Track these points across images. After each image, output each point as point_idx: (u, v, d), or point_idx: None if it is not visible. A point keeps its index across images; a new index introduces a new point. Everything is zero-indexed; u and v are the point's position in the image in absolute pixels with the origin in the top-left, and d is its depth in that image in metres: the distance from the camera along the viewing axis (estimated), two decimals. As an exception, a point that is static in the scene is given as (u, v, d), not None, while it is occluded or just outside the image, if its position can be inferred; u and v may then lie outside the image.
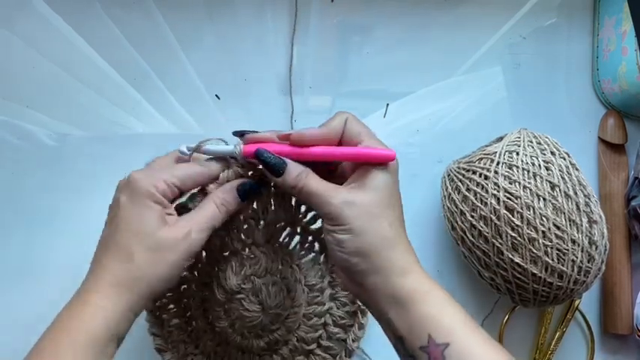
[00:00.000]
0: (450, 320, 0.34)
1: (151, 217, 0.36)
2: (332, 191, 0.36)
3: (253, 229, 0.43)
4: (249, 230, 0.43)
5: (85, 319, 0.34)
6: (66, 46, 0.57)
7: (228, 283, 0.43)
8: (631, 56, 0.55)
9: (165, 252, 0.36)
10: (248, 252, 0.44)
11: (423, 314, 0.34)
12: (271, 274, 0.44)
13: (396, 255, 0.35)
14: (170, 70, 0.58)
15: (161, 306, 0.47)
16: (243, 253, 0.44)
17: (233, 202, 0.39)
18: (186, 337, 0.48)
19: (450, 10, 0.61)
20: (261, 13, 0.59)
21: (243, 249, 0.44)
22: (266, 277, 0.44)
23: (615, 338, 0.60)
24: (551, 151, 0.49)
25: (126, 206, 0.37)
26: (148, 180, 0.37)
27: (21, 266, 0.55)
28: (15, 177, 0.56)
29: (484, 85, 0.61)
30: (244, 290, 0.43)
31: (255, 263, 0.43)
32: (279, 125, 0.59)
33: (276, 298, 0.44)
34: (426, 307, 0.34)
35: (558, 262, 0.46)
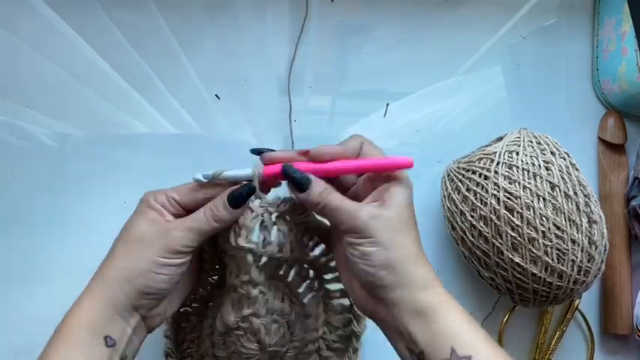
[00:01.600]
0: (471, 335, 0.35)
1: (141, 219, 0.38)
2: (357, 206, 0.37)
3: (251, 266, 0.40)
4: (246, 266, 0.40)
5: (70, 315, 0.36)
6: (66, 47, 0.57)
7: (226, 318, 0.41)
8: (631, 56, 0.55)
9: (142, 245, 0.36)
10: (245, 290, 0.40)
11: (447, 327, 0.34)
12: (272, 313, 0.42)
13: (419, 270, 0.36)
14: (170, 70, 0.58)
15: (183, 314, 0.46)
16: (241, 291, 0.40)
17: (222, 209, 0.37)
18: (194, 352, 0.47)
19: (450, 11, 0.61)
20: (262, 14, 0.59)
21: (241, 286, 0.40)
22: (266, 317, 0.41)
23: (615, 338, 0.60)
24: (551, 151, 0.49)
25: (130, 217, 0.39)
26: (151, 192, 0.39)
27: (21, 266, 0.55)
28: (15, 177, 0.56)
29: (484, 85, 0.61)
30: (242, 328, 0.41)
31: (253, 303, 0.40)
32: (278, 125, 0.59)
33: (276, 336, 0.42)
34: (449, 320, 0.35)
35: (558, 262, 0.46)
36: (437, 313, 0.35)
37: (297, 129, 0.59)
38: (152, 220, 0.37)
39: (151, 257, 0.36)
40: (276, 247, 0.39)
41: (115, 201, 0.55)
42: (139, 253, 0.36)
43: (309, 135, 0.59)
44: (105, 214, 0.55)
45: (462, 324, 0.35)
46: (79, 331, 0.35)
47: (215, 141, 0.58)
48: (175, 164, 0.57)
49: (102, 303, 0.36)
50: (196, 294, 0.46)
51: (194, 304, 0.47)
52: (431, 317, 0.35)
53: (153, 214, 0.38)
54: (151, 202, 0.38)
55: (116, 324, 0.36)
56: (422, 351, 0.35)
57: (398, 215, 0.36)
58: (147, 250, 0.36)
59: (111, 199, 0.56)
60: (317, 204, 0.37)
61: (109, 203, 0.56)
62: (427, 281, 0.36)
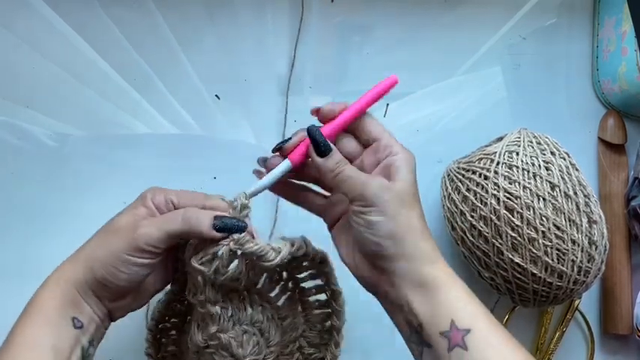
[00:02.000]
0: (473, 309, 0.35)
1: (128, 210, 0.38)
2: (368, 176, 0.37)
3: (203, 286, 0.38)
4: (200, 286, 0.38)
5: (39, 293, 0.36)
6: (66, 46, 0.57)
7: (194, 338, 0.40)
8: (631, 56, 0.55)
9: (113, 236, 0.37)
10: (204, 308, 0.39)
11: (448, 300, 0.35)
12: (240, 324, 0.41)
13: (423, 243, 0.37)
14: (170, 70, 0.58)
15: (163, 329, 0.46)
16: (201, 310, 0.39)
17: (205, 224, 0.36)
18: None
19: (450, 11, 0.61)
20: (262, 14, 0.59)
21: (200, 305, 0.39)
22: (234, 330, 0.40)
23: (615, 338, 0.60)
24: (551, 151, 0.49)
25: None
26: (151, 190, 0.39)
27: (20, 266, 0.55)
28: (15, 177, 0.56)
29: (484, 85, 0.61)
30: (212, 346, 0.40)
31: (216, 320, 0.39)
32: (278, 125, 0.59)
33: (249, 346, 0.41)
34: (451, 292, 0.35)
35: (558, 262, 0.46)
36: (439, 286, 0.35)
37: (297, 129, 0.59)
38: (134, 215, 0.37)
39: (116, 251, 0.36)
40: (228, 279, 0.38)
41: (114, 201, 0.55)
42: (108, 245, 0.36)
43: (309, 135, 0.59)
44: (105, 214, 0.55)
45: (464, 298, 0.35)
46: (48, 310, 0.35)
47: (215, 141, 0.58)
48: (175, 164, 0.57)
49: (68, 284, 0.36)
50: (174, 308, 0.46)
51: (172, 319, 0.46)
52: (433, 290, 0.35)
53: (142, 210, 0.38)
54: (147, 198, 0.38)
55: (83, 307, 0.37)
56: (420, 323, 0.35)
57: (404, 189, 0.37)
58: (115, 243, 0.36)
59: (111, 199, 0.55)
60: (332, 170, 0.37)
61: (109, 203, 0.55)
62: (431, 255, 0.37)
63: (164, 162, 0.57)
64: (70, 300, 0.36)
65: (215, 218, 0.37)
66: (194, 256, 0.38)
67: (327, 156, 0.38)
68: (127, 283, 0.37)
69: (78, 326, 0.36)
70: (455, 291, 0.35)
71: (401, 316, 0.37)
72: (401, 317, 0.37)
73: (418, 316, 0.35)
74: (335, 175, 0.37)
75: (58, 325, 0.35)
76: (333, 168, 0.37)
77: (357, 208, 0.37)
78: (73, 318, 0.36)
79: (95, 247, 0.37)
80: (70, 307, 0.36)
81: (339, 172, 0.37)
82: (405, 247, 0.36)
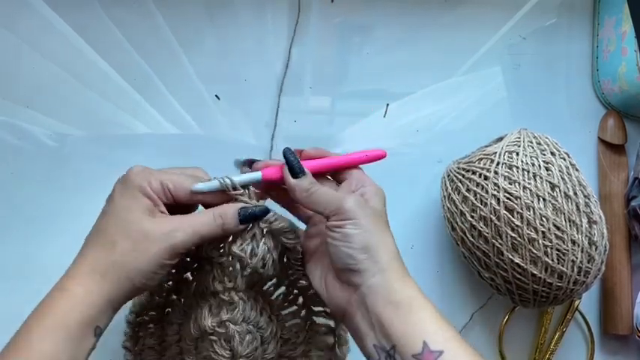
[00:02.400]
0: (445, 330, 0.35)
1: (138, 208, 0.37)
2: (344, 193, 0.39)
3: (237, 274, 0.41)
4: (233, 273, 0.41)
5: (59, 305, 0.34)
6: (66, 47, 0.57)
7: (202, 322, 0.42)
8: (631, 57, 0.55)
9: (148, 243, 0.36)
10: (227, 296, 0.41)
11: (420, 320, 0.35)
12: (247, 322, 0.42)
13: (397, 263, 0.37)
14: (170, 70, 0.58)
15: (141, 322, 0.46)
16: (223, 297, 0.41)
17: (231, 220, 0.38)
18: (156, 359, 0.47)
19: (450, 11, 0.61)
20: (262, 14, 0.59)
21: (224, 292, 0.41)
22: (241, 325, 0.42)
23: (615, 338, 0.60)
24: (551, 151, 0.49)
25: (117, 196, 0.38)
26: (142, 174, 0.38)
27: (20, 266, 0.55)
28: (15, 177, 0.56)
29: (484, 85, 0.61)
30: (217, 333, 0.41)
31: (232, 309, 0.41)
32: (278, 125, 0.59)
33: (248, 347, 0.42)
34: (423, 313, 0.35)
35: (558, 262, 0.46)
36: (411, 304, 0.35)
37: (297, 129, 0.59)
38: (150, 212, 0.37)
39: (156, 258, 0.36)
40: (261, 261, 0.40)
41: (114, 201, 0.55)
42: (144, 253, 0.36)
43: (309, 135, 0.59)
44: (105, 214, 0.55)
45: (436, 320, 0.35)
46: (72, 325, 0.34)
47: (215, 141, 0.58)
48: (175, 164, 0.57)
49: (101, 299, 0.35)
50: (154, 301, 0.46)
51: (151, 312, 0.47)
52: (406, 308, 0.35)
53: (147, 202, 0.37)
54: (146, 189, 0.37)
55: (108, 317, 0.36)
56: (394, 345, 0.35)
57: (379, 212, 0.39)
58: (151, 248, 0.36)
59: (111, 199, 0.56)
60: (306, 190, 0.38)
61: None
62: (404, 274, 0.37)
63: (164, 162, 0.57)
64: (98, 313, 0.35)
65: (240, 211, 0.38)
66: (233, 244, 0.40)
67: (300, 177, 0.39)
68: (159, 282, 0.38)
69: (98, 334, 0.36)
70: (427, 311, 0.36)
71: (370, 339, 0.36)
72: (370, 340, 0.36)
73: (391, 337, 0.35)
74: (310, 194, 0.38)
75: (80, 340, 0.34)
76: (308, 187, 0.38)
77: (333, 222, 0.38)
78: (96, 327, 0.35)
79: (128, 257, 0.35)
80: (96, 319, 0.35)
81: (313, 191, 0.38)
82: (378, 261, 0.36)
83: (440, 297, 0.58)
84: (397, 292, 0.36)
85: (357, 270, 0.37)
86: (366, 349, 0.37)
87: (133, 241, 0.36)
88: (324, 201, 0.38)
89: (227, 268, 0.40)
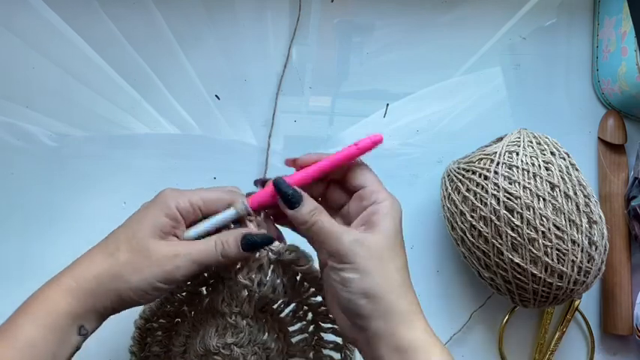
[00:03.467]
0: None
1: (151, 225, 0.36)
2: (343, 230, 0.36)
3: (243, 300, 0.40)
4: (240, 299, 0.40)
5: (48, 295, 0.35)
6: (66, 47, 0.57)
7: (208, 341, 0.41)
8: (631, 57, 0.55)
9: (145, 262, 0.35)
10: (233, 320, 0.41)
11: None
12: (254, 344, 0.42)
13: (401, 302, 0.35)
14: (170, 70, 0.58)
15: (150, 329, 0.46)
16: (229, 320, 0.41)
17: (233, 248, 0.37)
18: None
19: (450, 10, 0.61)
20: (262, 14, 0.59)
21: (230, 316, 0.41)
22: (247, 347, 0.41)
23: (615, 338, 0.60)
24: (551, 151, 0.49)
25: (138, 211, 0.38)
26: (173, 194, 0.37)
27: (20, 266, 0.55)
28: (15, 177, 0.56)
29: (484, 85, 0.61)
30: (222, 354, 0.41)
31: (238, 332, 0.41)
32: (279, 125, 0.59)
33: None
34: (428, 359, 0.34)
35: (558, 262, 0.46)
36: (416, 351, 0.34)
37: (297, 129, 0.59)
38: (162, 232, 0.36)
39: (149, 280, 0.35)
40: (270, 288, 0.40)
41: (114, 201, 0.55)
42: (141, 272, 0.35)
43: (309, 135, 0.59)
44: (104, 215, 0.55)
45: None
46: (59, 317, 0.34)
47: (215, 141, 0.58)
48: (175, 164, 0.57)
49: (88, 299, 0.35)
50: (165, 309, 0.46)
51: (160, 320, 0.46)
52: (411, 355, 0.33)
53: (164, 222, 0.36)
54: (170, 206, 0.36)
55: (93, 318, 0.36)
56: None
57: (383, 242, 0.35)
58: (149, 272, 0.35)
59: (110, 200, 0.56)
60: (305, 222, 0.36)
61: (109, 203, 0.56)
62: (409, 314, 0.35)
63: (164, 162, 0.57)
64: (84, 310, 0.35)
65: (242, 239, 0.37)
66: (240, 272, 0.39)
67: (298, 207, 0.36)
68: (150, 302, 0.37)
69: (82, 334, 0.36)
70: (432, 356, 0.34)
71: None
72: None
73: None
74: (309, 227, 0.36)
75: (64, 333, 0.34)
76: (307, 219, 0.36)
77: (332, 264, 0.36)
78: (81, 326, 0.35)
79: (125, 270, 0.35)
80: (81, 316, 0.35)
81: (312, 223, 0.36)
82: (380, 305, 0.34)
83: (440, 297, 0.58)
84: (402, 337, 0.34)
85: (358, 314, 0.35)
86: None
87: (133, 256, 0.36)
88: (322, 238, 0.36)
89: (235, 293, 0.40)
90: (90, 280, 0.35)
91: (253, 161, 0.58)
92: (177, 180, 0.56)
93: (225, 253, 0.37)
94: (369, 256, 0.35)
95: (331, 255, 0.36)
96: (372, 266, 0.35)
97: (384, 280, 0.35)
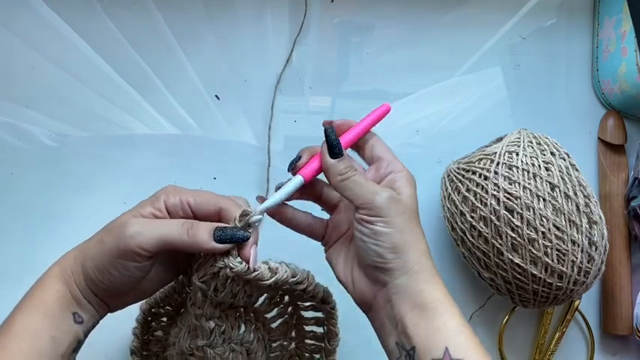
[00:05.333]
0: (467, 339, 0.34)
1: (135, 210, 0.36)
2: (377, 186, 0.37)
3: (202, 302, 0.38)
4: (198, 301, 0.38)
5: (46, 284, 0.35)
6: (66, 47, 0.57)
7: (182, 342, 0.40)
8: (631, 57, 0.55)
9: (107, 234, 0.34)
10: (199, 322, 0.39)
11: (445, 326, 0.34)
12: (229, 342, 0.40)
13: (426, 262, 0.36)
14: (170, 70, 0.58)
15: (156, 313, 0.46)
16: (196, 322, 0.39)
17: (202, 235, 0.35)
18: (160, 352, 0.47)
19: (450, 11, 0.61)
20: (261, 14, 0.59)
21: (196, 318, 0.39)
22: (222, 346, 0.40)
23: (615, 339, 0.60)
24: (551, 151, 0.49)
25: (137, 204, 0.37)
26: (166, 190, 0.37)
27: (20, 266, 0.55)
28: (14, 177, 0.56)
29: (484, 85, 0.61)
30: (196, 356, 0.40)
31: (207, 335, 0.39)
32: (279, 125, 0.59)
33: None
34: (447, 319, 0.35)
35: (558, 262, 0.46)
36: (437, 309, 0.35)
37: (297, 129, 0.59)
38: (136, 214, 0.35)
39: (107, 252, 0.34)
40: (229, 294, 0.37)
41: (114, 201, 0.55)
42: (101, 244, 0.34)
43: (309, 135, 0.59)
44: (104, 215, 0.55)
45: (460, 327, 0.35)
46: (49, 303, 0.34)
47: (215, 141, 0.58)
48: (175, 164, 0.57)
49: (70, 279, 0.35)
50: (172, 296, 0.45)
51: (167, 307, 0.46)
52: (431, 312, 0.34)
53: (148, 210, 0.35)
54: (159, 199, 0.36)
55: (84, 303, 0.36)
56: (414, 346, 0.34)
57: (410, 206, 0.37)
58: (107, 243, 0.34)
59: (110, 199, 0.56)
60: (341, 173, 0.37)
61: (109, 203, 0.56)
62: (432, 275, 0.36)
63: (164, 162, 0.57)
64: (71, 295, 0.35)
65: (216, 229, 0.35)
66: (195, 273, 0.37)
67: (339, 159, 0.38)
68: (120, 285, 0.35)
69: (78, 321, 0.35)
70: (451, 317, 0.35)
71: (393, 337, 0.36)
72: (392, 338, 0.36)
73: (412, 339, 0.34)
74: (344, 179, 0.37)
75: (58, 318, 0.34)
76: (343, 171, 0.37)
77: (363, 216, 0.36)
78: (74, 313, 0.35)
79: (92, 244, 0.35)
80: (71, 302, 0.35)
81: (348, 176, 0.37)
82: (407, 261, 0.36)
83: (440, 297, 0.58)
84: (424, 294, 0.35)
85: (384, 268, 0.36)
86: (388, 346, 0.37)
87: (102, 232, 0.35)
88: (357, 191, 0.37)
89: (196, 294, 0.38)
90: (70, 264, 0.36)
91: (253, 161, 0.58)
92: (177, 180, 0.56)
93: (192, 233, 0.34)
94: (402, 213, 0.36)
95: (364, 208, 0.36)
96: (404, 224, 0.36)
97: (412, 239, 0.36)
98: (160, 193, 0.37)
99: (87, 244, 0.36)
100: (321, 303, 0.43)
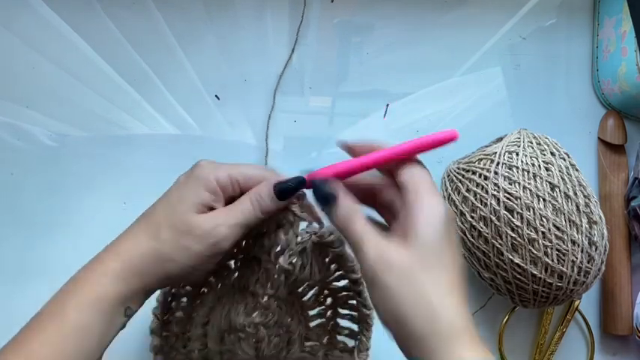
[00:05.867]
0: None
1: (191, 200, 0.35)
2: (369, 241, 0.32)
3: (281, 283, 0.39)
4: (277, 282, 0.39)
5: (95, 278, 0.34)
6: (66, 47, 0.57)
7: (234, 318, 0.41)
8: (631, 57, 0.55)
9: (190, 239, 0.34)
10: (266, 302, 0.40)
11: None
12: (279, 326, 0.42)
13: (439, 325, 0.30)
14: (170, 70, 0.58)
15: (175, 294, 0.46)
16: (261, 300, 0.40)
17: (267, 200, 0.35)
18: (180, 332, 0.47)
19: (450, 11, 0.61)
20: (261, 14, 0.59)
21: (263, 297, 0.40)
22: (272, 329, 0.41)
23: (615, 339, 0.60)
24: (551, 151, 0.49)
25: (176, 186, 0.37)
26: (210, 167, 0.36)
27: (20, 267, 0.55)
28: (14, 177, 0.56)
29: (484, 85, 0.61)
30: (246, 332, 0.41)
31: (267, 314, 0.41)
32: (279, 125, 0.59)
33: (275, 349, 0.42)
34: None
35: (558, 262, 0.46)
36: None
37: (297, 129, 0.59)
38: (203, 207, 0.35)
39: (196, 255, 0.34)
40: (309, 274, 0.40)
41: (114, 201, 0.55)
42: (186, 249, 0.34)
43: (309, 135, 0.59)
44: (104, 214, 0.55)
45: None
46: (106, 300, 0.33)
47: (215, 141, 0.58)
48: (175, 164, 0.57)
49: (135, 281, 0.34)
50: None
51: (187, 287, 0.46)
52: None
53: (206, 197, 0.35)
54: (211, 181, 0.35)
55: (139, 299, 0.36)
56: None
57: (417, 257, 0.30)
58: (193, 245, 0.34)
59: (110, 200, 0.56)
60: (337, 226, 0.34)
61: (109, 203, 0.56)
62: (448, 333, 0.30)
63: (164, 162, 0.57)
64: (131, 293, 0.34)
65: (275, 189, 0.35)
66: (282, 256, 0.38)
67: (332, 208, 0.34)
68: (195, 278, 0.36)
69: (128, 314, 0.35)
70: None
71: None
72: None
73: None
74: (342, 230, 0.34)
75: (112, 315, 0.34)
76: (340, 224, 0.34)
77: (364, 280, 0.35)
78: (127, 308, 0.35)
79: (171, 249, 0.34)
80: (129, 298, 0.35)
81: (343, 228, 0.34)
82: (413, 328, 0.30)
83: (440, 297, 0.58)
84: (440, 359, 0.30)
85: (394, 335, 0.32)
86: None
87: (176, 234, 0.34)
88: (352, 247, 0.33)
89: (272, 276, 0.39)
90: (136, 262, 0.34)
91: (253, 161, 0.58)
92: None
93: (263, 208, 0.35)
94: (396, 278, 0.30)
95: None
96: (398, 289, 0.30)
97: (413, 302, 0.30)
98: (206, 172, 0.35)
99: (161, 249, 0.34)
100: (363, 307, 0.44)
